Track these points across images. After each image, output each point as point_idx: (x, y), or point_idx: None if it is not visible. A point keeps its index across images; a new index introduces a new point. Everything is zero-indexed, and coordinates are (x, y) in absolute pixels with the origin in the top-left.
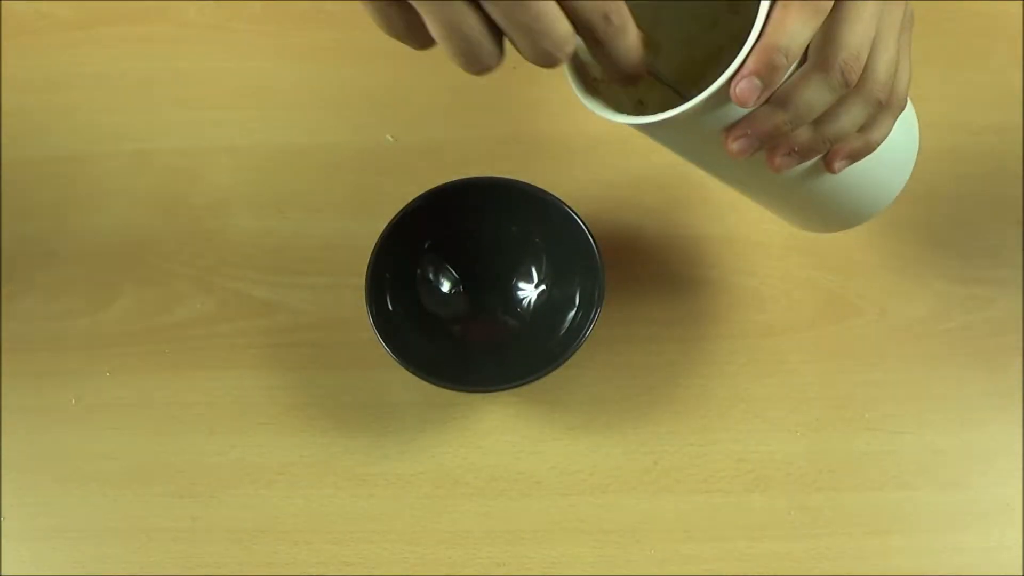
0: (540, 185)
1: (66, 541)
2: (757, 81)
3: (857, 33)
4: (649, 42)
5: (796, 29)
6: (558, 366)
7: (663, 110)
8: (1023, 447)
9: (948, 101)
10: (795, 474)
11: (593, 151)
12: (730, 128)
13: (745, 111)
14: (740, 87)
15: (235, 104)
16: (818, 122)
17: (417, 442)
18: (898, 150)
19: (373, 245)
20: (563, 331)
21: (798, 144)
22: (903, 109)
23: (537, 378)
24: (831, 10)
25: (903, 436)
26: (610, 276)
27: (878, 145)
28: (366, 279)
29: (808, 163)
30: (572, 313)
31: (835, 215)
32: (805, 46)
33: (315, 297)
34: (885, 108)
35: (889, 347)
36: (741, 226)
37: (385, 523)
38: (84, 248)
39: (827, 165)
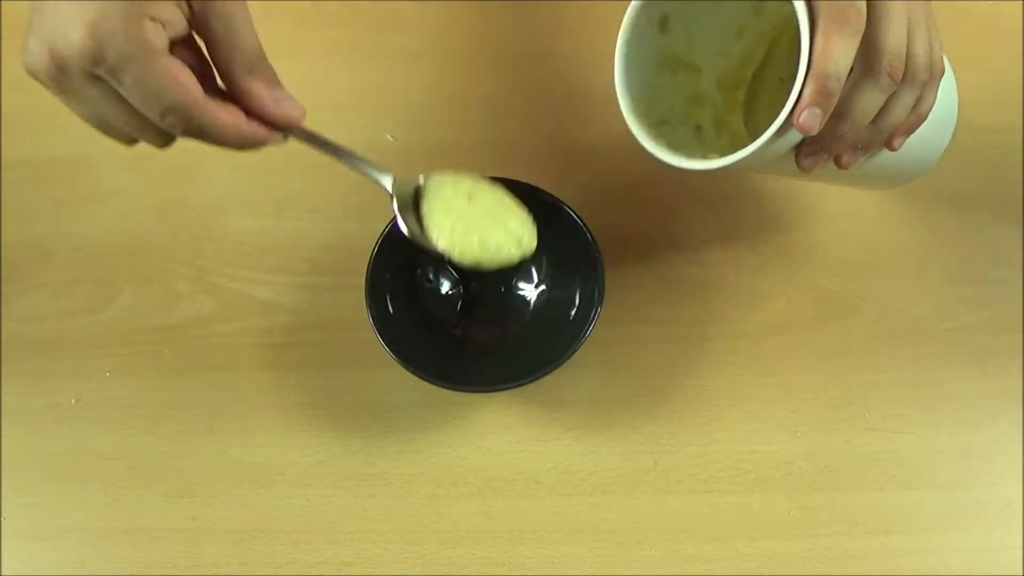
0: (540, 185)
1: (66, 541)
2: (817, 110)
3: (894, 33)
4: (691, 67)
5: (840, 53)
6: (558, 366)
7: (717, 129)
8: (1023, 447)
9: None
10: (795, 474)
11: (593, 152)
12: (799, 148)
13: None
14: (803, 118)
15: None
16: (876, 119)
17: (417, 442)
18: (943, 107)
19: (373, 245)
20: (563, 331)
21: (861, 142)
22: (943, 74)
23: (537, 378)
24: (867, 14)
25: (903, 436)
26: (610, 276)
27: (927, 114)
28: (366, 279)
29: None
30: (572, 313)
31: (902, 175)
32: (851, 64)
33: (315, 297)
34: (928, 83)
35: (889, 347)
36: (741, 226)
37: (385, 523)
38: (84, 248)
39: (888, 146)
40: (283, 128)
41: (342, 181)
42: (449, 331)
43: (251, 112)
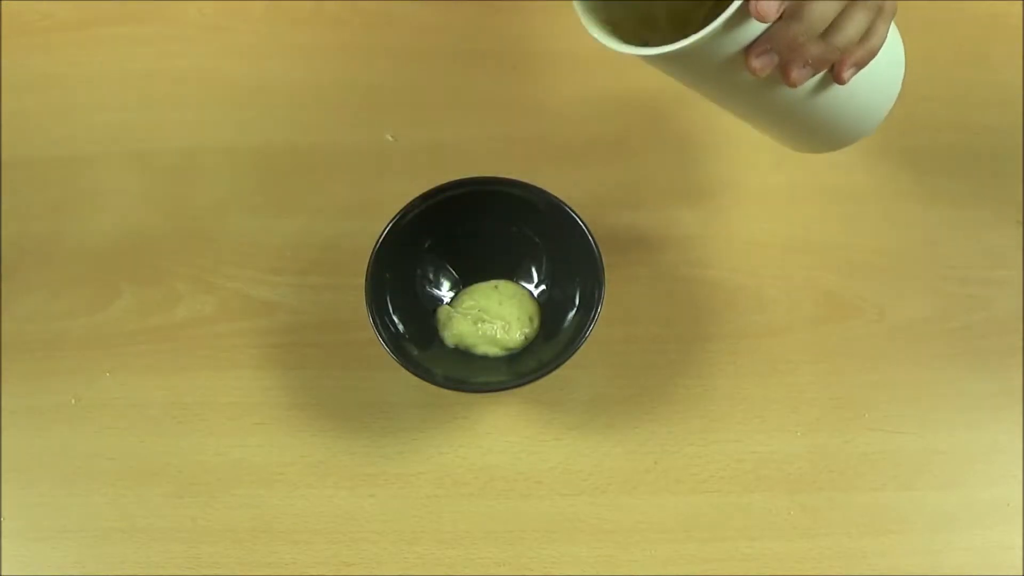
0: (540, 185)
1: (66, 541)
2: None
3: None
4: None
5: None
6: (558, 366)
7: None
8: (1023, 447)
9: (948, 101)
10: (795, 474)
11: (593, 151)
12: (751, 46)
13: (760, 29)
14: (761, 3)
15: (235, 104)
16: (827, 34)
17: (417, 442)
18: (890, 61)
19: (373, 245)
20: (563, 331)
21: (812, 56)
22: (894, 14)
23: (537, 378)
24: None
25: (903, 436)
26: (610, 276)
27: (878, 50)
28: (366, 279)
29: (817, 78)
30: (572, 313)
31: (840, 129)
32: None
33: (315, 297)
34: (880, 14)
35: (889, 347)
36: (741, 226)
37: (385, 523)
38: (84, 248)
39: (836, 77)
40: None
41: (342, 181)
42: None
43: None
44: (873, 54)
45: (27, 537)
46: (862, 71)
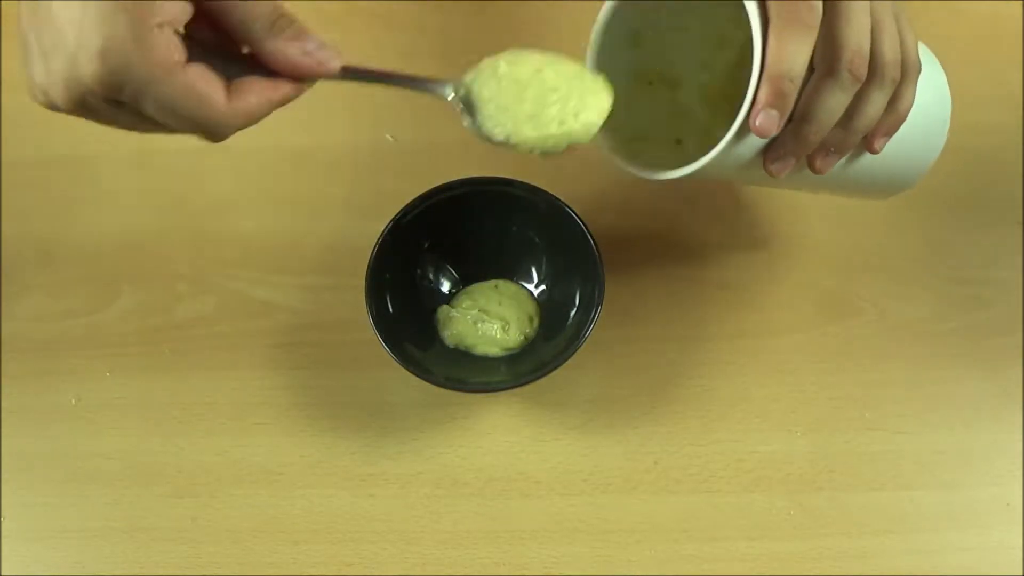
0: (540, 185)
1: (66, 541)
2: (773, 112)
3: (855, 31)
4: (669, 81)
5: (793, 51)
6: (558, 366)
7: (703, 143)
8: (1023, 447)
9: None
10: (795, 474)
11: (593, 151)
12: (765, 153)
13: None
14: (760, 121)
15: None
16: (845, 121)
17: (417, 442)
18: (931, 104)
19: (373, 245)
20: (563, 331)
21: (833, 145)
22: (919, 72)
23: (537, 378)
24: (825, 12)
25: (903, 436)
26: (610, 276)
27: (907, 113)
28: (366, 279)
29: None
30: (572, 313)
31: (891, 182)
32: (808, 60)
33: (315, 297)
34: (903, 80)
35: (889, 347)
36: (741, 226)
37: (385, 523)
38: (84, 248)
39: (868, 148)
40: (322, 77)
41: (342, 181)
42: None
43: (285, 72)
44: (903, 119)
45: (27, 537)
46: (900, 130)
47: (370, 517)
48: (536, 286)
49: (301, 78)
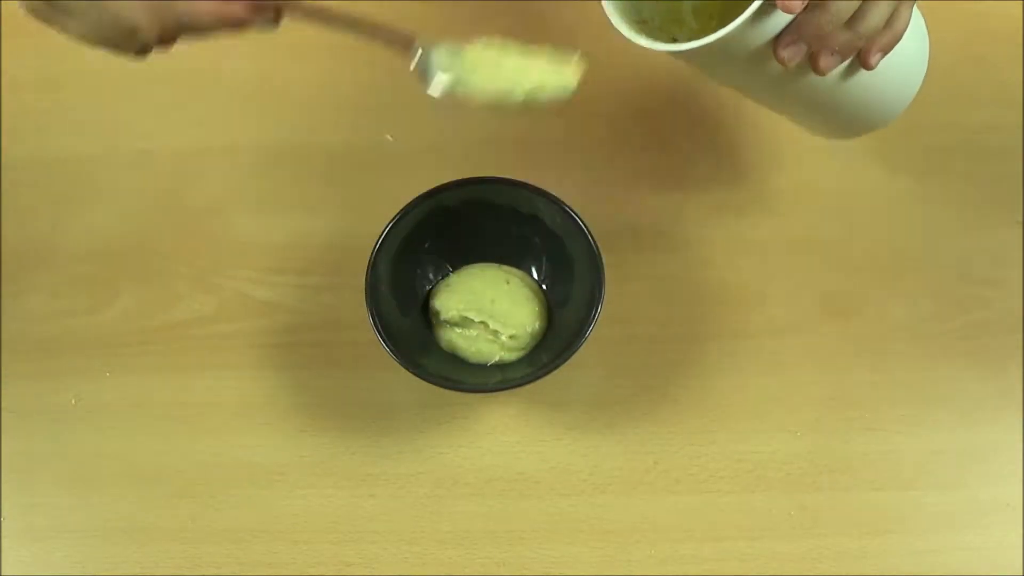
0: (540, 185)
1: (66, 541)
2: None
3: None
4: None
5: None
6: (558, 366)
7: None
8: (1023, 447)
9: (948, 101)
10: (795, 474)
11: (593, 151)
12: (779, 37)
13: (786, 21)
14: None
15: (235, 104)
16: (852, 22)
17: (417, 442)
18: (915, 44)
19: (373, 245)
20: (563, 331)
21: (839, 44)
22: None
23: (537, 378)
24: None
25: (903, 436)
26: (610, 276)
27: (903, 34)
28: (366, 279)
29: (844, 65)
30: (572, 313)
31: (870, 112)
32: None
33: (315, 297)
34: (902, 2)
35: (889, 347)
36: (741, 226)
37: (385, 523)
38: (84, 248)
39: (864, 63)
40: None
41: (342, 181)
42: None
43: None
44: (898, 38)
45: (27, 537)
46: (891, 55)
47: (370, 517)
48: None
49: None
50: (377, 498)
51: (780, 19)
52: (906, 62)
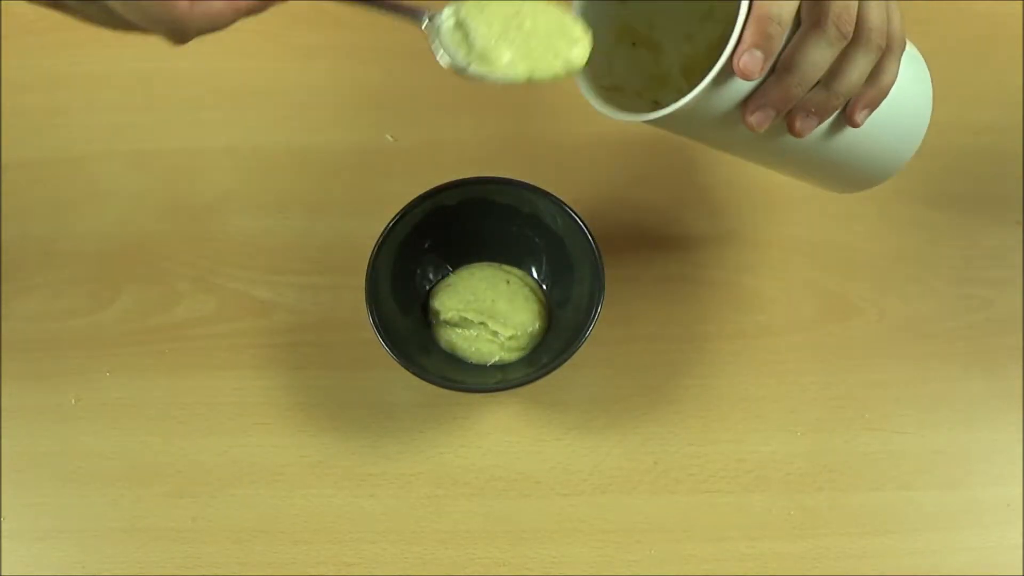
0: (540, 185)
1: (66, 541)
2: (757, 53)
3: None
4: (651, 44)
5: None
6: (558, 366)
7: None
8: (1023, 447)
9: (948, 101)
10: (795, 474)
11: (593, 151)
12: (745, 103)
13: (753, 84)
14: (743, 61)
15: (235, 104)
16: (828, 80)
17: (417, 442)
18: (913, 95)
19: (373, 245)
20: (563, 331)
21: (814, 105)
22: (903, 49)
23: (537, 378)
24: None
25: (903, 436)
26: (610, 276)
27: (889, 89)
28: (366, 279)
29: (828, 122)
30: (572, 313)
31: (864, 171)
32: (796, 10)
33: (315, 297)
34: (888, 52)
35: (889, 347)
36: (741, 226)
37: (385, 523)
38: (84, 248)
39: (849, 120)
40: None
41: (342, 181)
42: None
43: None
44: (884, 94)
45: (27, 537)
46: (879, 108)
47: (370, 517)
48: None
49: None
50: (377, 498)
51: (742, 86)
52: (902, 112)
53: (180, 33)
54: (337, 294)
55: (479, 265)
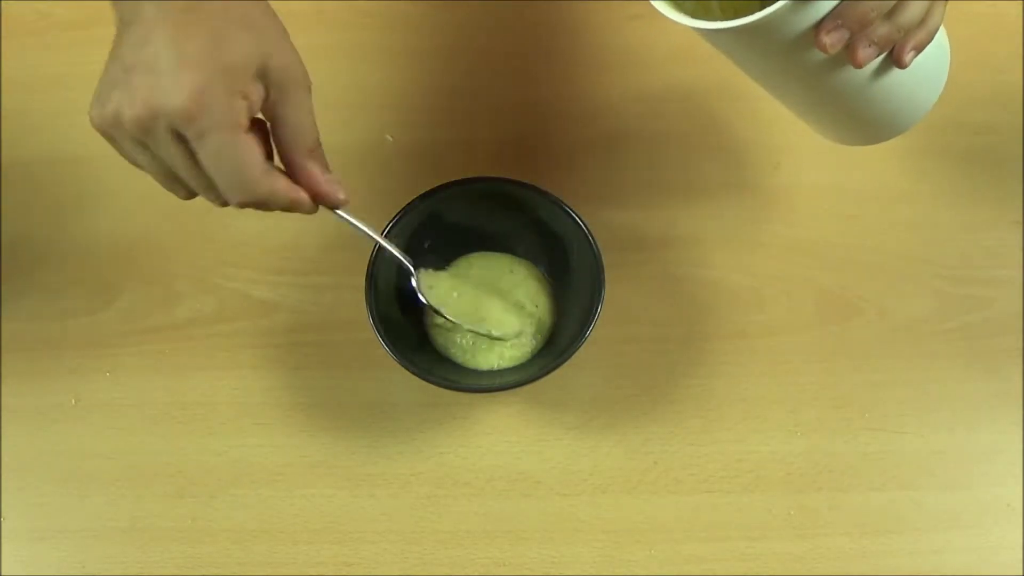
0: (540, 185)
1: (66, 541)
2: None
3: None
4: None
5: None
6: (558, 366)
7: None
8: (1023, 447)
9: (948, 101)
10: (795, 474)
11: (592, 151)
12: (822, 22)
13: (828, 8)
14: None
15: None
16: (892, 14)
17: (417, 442)
18: (940, 46)
19: (373, 245)
20: (563, 331)
21: (878, 35)
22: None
23: (537, 378)
24: None
25: (903, 436)
26: (610, 276)
27: (935, 32)
28: (366, 279)
29: (877, 61)
30: (572, 313)
31: (892, 116)
32: None
33: (315, 297)
34: (935, 1)
35: (889, 347)
36: (741, 226)
37: (385, 523)
38: (84, 248)
39: (896, 60)
40: (328, 206)
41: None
42: None
43: (307, 187)
44: (932, 36)
45: (27, 537)
46: (918, 58)
47: (370, 517)
48: None
49: (314, 198)
50: (377, 498)
51: (824, 5)
52: (933, 64)
53: (238, 193)
54: (337, 294)
55: (481, 254)
